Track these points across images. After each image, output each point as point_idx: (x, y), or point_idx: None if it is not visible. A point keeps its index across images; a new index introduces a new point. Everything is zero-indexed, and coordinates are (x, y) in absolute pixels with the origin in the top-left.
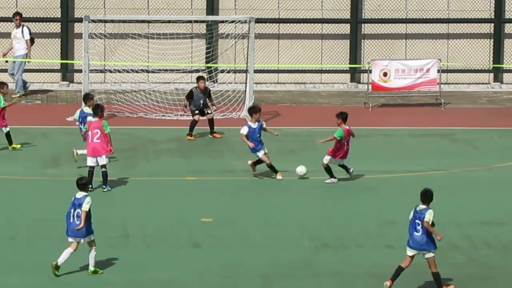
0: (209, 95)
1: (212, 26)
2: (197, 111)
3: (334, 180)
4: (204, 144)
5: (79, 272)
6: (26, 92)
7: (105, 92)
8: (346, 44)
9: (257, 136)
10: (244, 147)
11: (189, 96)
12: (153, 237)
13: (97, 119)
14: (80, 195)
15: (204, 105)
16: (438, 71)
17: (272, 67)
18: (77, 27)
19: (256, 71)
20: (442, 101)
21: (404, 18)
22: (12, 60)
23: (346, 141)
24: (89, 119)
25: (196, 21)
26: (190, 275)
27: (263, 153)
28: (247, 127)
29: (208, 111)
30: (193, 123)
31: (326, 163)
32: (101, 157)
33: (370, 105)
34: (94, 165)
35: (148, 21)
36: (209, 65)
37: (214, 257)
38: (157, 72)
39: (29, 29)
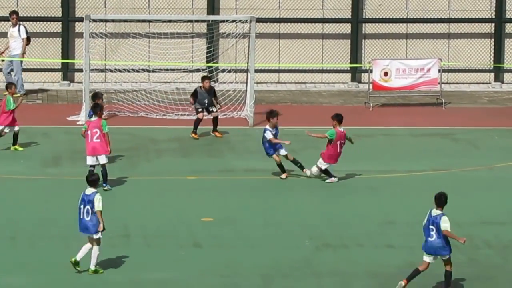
0: (215, 95)
1: (213, 26)
2: (201, 109)
3: (335, 180)
4: (205, 144)
5: (79, 272)
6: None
7: (106, 92)
8: (347, 44)
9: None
10: (244, 147)
11: (194, 95)
12: (154, 237)
13: (96, 119)
14: (90, 192)
15: (209, 105)
16: (439, 71)
17: (273, 67)
18: (78, 27)
19: (257, 71)
20: (443, 101)
21: (405, 18)
22: (9, 60)
23: (340, 145)
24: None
25: (197, 21)
26: (191, 275)
27: (277, 154)
28: (269, 131)
29: (213, 109)
30: (197, 121)
31: (324, 168)
32: (101, 156)
33: (371, 105)
34: (94, 164)
35: (149, 21)
36: (210, 65)
37: (215, 257)
38: (158, 72)
39: (26, 28)
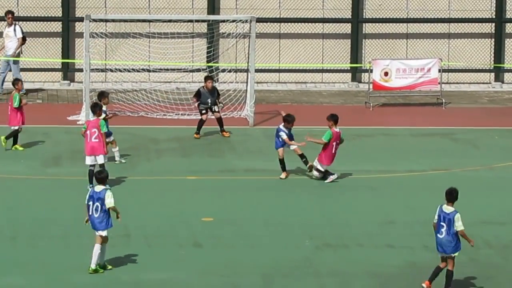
0: (218, 95)
1: (213, 26)
2: (205, 111)
3: (334, 177)
4: (205, 144)
5: (79, 272)
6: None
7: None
8: (347, 44)
9: (291, 138)
10: (244, 147)
11: (196, 95)
12: (154, 237)
13: (95, 118)
14: (99, 189)
15: (212, 105)
16: (439, 71)
17: (273, 67)
18: (78, 27)
19: (257, 71)
20: (443, 101)
21: (405, 18)
22: (5, 60)
23: (335, 145)
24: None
25: (197, 21)
26: (191, 275)
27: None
28: (284, 132)
29: (215, 109)
30: (201, 122)
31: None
32: (99, 156)
33: (371, 105)
34: (94, 164)
35: (149, 21)
36: (210, 65)
37: (215, 257)
38: (158, 72)
39: (21, 28)
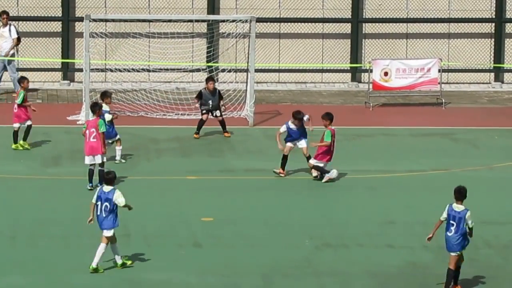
0: (220, 97)
1: (213, 26)
2: (205, 111)
3: (331, 175)
4: (205, 144)
5: (79, 272)
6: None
7: None
8: (347, 44)
9: (295, 135)
10: (244, 147)
11: (198, 97)
12: (154, 236)
13: (95, 118)
14: (108, 189)
15: (214, 106)
16: (439, 71)
17: (273, 67)
18: (78, 26)
19: (257, 71)
20: (443, 101)
21: (405, 18)
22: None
23: (333, 143)
24: (107, 117)
25: (197, 20)
26: (191, 275)
27: (294, 144)
28: (286, 127)
29: (217, 114)
30: (201, 122)
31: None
32: (97, 156)
33: (371, 105)
34: (93, 163)
35: (149, 20)
36: (210, 64)
37: (215, 257)
38: (158, 71)
39: (16, 28)
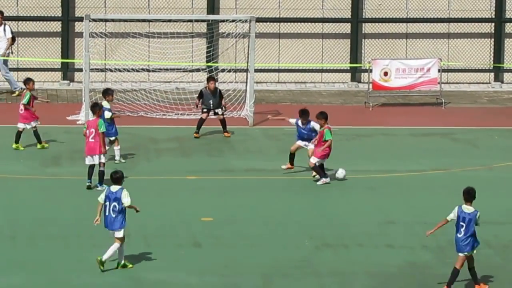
0: (221, 97)
1: (213, 25)
2: (205, 110)
3: (327, 180)
4: (205, 144)
5: (79, 272)
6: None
7: None
8: (347, 44)
9: (304, 136)
10: (244, 147)
11: (199, 96)
12: (154, 236)
13: (94, 118)
14: (115, 189)
15: (215, 107)
16: (439, 71)
17: (273, 67)
18: (78, 26)
19: (257, 70)
20: (443, 101)
21: (405, 18)
22: None
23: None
24: (107, 114)
25: (197, 20)
26: (190, 275)
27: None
28: (295, 121)
29: (218, 112)
30: (200, 121)
31: (314, 163)
32: (96, 156)
33: (371, 105)
34: (92, 163)
35: (149, 20)
36: (210, 64)
37: (214, 256)
38: (158, 71)
39: (11, 28)
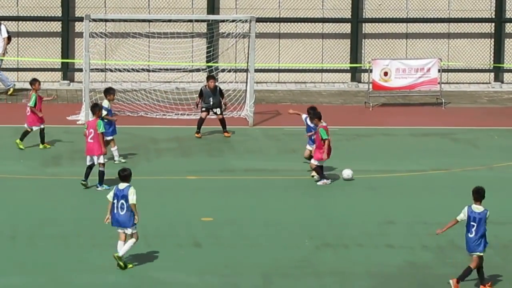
0: (222, 95)
1: (213, 25)
2: (205, 109)
3: (328, 182)
4: (205, 144)
5: (79, 272)
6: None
7: None
8: (347, 44)
9: (311, 134)
10: (244, 147)
11: (199, 95)
12: (154, 236)
13: (94, 118)
14: (123, 186)
15: (215, 106)
16: (439, 71)
17: (273, 67)
18: (78, 26)
19: (257, 71)
20: (443, 101)
21: (405, 18)
22: None
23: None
24: (103, 112)
25: (197, 20)
26: (191, 275)
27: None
28: (305, 118)
29: (217, 112)
30: (200, 121)
31: (316, 164)
32: (95, 157)
33: (371, 105)
34: (91, 164)
35: (149, 20)
36: (210, 64)
37: (215, 256)
38: (158, 71)
39: (6, 27)
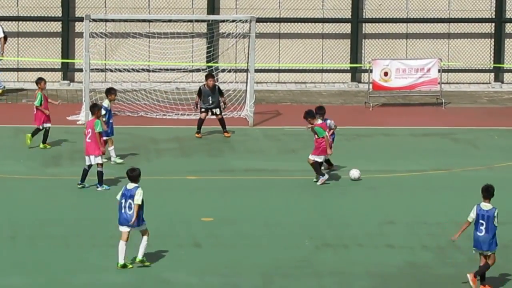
0: (221, 94)
1: (213, 26)
2: (204, 109)
3: (325, 178)
4: (205, 144)
5: (79, 272)
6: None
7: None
8: (347, 44)
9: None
10: (244, 147)
11: (198, 93)
12: (154, 236)
13: (92, 118)
14: (131, 186)
15: (213, 104)
16: (439, 71)
17: (273, 67)
18: (78, 26)
19: (257, 71)
20: (443, 101)
21: (405, 18)
22: None
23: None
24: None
25: (197, 21)
26: (191, 275)
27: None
28: (329, 123)
29: (217, 112)
30: (200, 121)
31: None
32: (92, 156)
33: (371, 105)
34: (89, 164)
35: (149, 20)
36: (210, 65)
37: (215, 257)
38: (158, 71)
39: (2, 27)
